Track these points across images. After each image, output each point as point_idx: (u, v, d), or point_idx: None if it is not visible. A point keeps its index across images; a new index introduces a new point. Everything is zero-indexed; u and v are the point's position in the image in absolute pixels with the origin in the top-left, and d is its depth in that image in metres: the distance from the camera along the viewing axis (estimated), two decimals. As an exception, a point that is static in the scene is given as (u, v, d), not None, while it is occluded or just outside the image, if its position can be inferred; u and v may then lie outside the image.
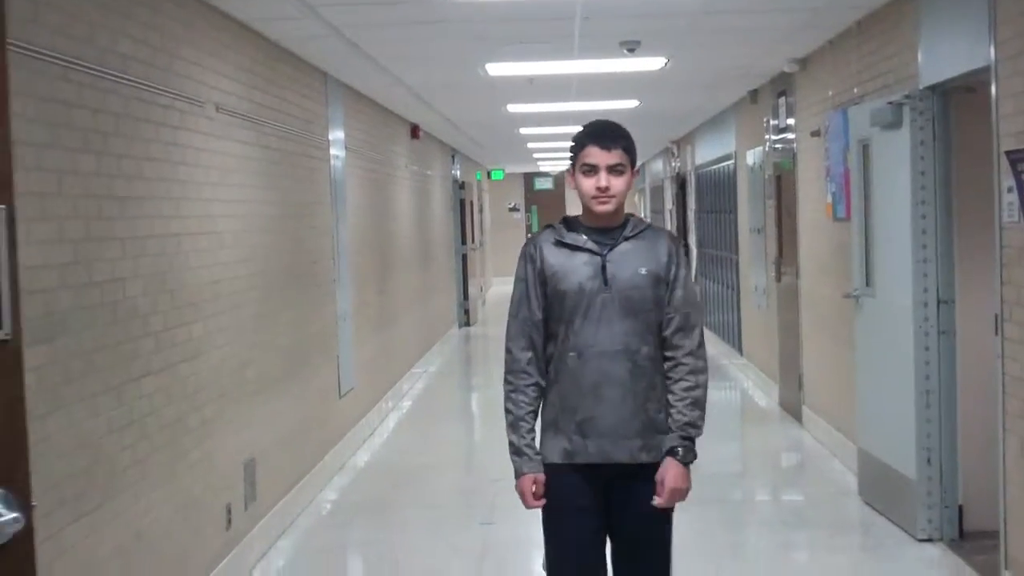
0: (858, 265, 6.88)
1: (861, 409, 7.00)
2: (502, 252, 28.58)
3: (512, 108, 12.27)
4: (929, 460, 6.04)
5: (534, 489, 3.60)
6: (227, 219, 6.02)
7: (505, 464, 3.77)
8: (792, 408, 9.71)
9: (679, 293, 3.60)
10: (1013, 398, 4.95)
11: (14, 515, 2.30)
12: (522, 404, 3.62)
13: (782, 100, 9.89)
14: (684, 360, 3.58)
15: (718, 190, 14.23)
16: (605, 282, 3.56)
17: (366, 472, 8.58)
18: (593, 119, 3.72)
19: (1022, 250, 4.79)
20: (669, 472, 3.55)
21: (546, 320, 3.63)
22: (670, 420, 3.56)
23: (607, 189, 3.59)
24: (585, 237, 3.63)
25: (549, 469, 3.61)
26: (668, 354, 3.60)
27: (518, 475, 3.62)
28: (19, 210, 2.53)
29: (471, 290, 19.16)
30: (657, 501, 3.55)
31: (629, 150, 3.64)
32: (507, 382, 3.66)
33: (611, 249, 3.59)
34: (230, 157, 6.13)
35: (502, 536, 6.67)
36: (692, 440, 3.57)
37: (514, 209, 29.38)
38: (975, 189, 5.68)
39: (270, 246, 6.89)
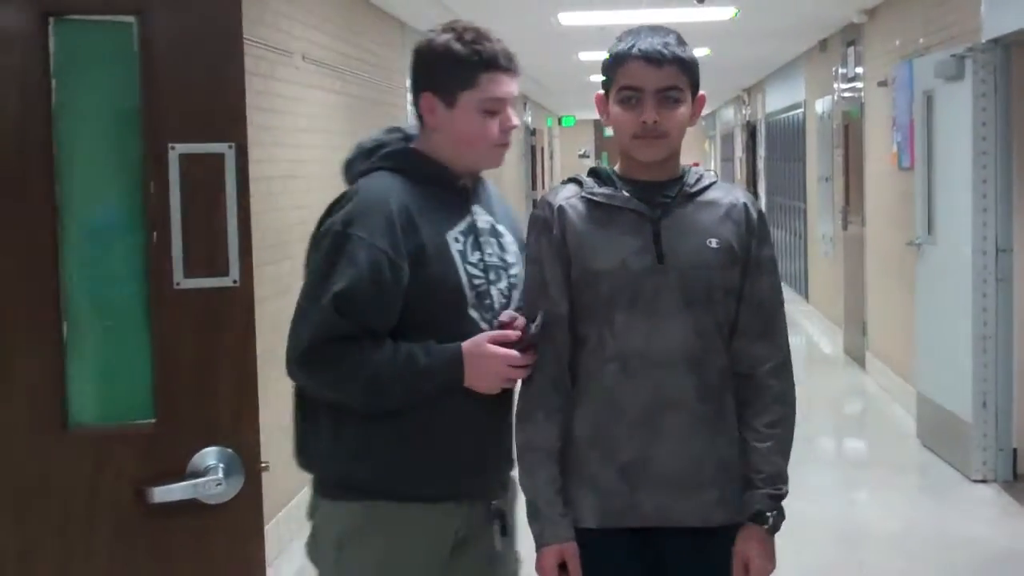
0: (921, 214, 7.04)
1: (921, 355, 7.18)
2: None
3: (583, 56, 12.44)
4: (985, 404, 6.23)
5: (566, 564, 2.41)
6: (312, 164, 6.33)
7: None
8: (856, 354, 9.88)
9: (765, 282, 2.45)
10: (1065, 343, 5.13)
11: (236, 477, 2.08)
12: (541, 438, 2.41)
13: (851, 50, 9.98)
14: (767, 381, 2.43)
15: (787, 139, 14.31)
16: (659, 257, 2.39)
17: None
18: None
19: (1077, 200, 4.95)
20: (754, 546, 2.41)
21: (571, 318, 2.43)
22: (750, 468, 2.41)
23: (656, 124, 2.39)
24: (627, 194, 2.43)
25: (578, 537, 2.42)
26: (742, 369, 2.44)
27: (538, 547, 2.42)
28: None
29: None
30: None
31: (688, 68, 2.43)
32: (519, 409, 2.45)
33: (666, 212, 2.41)
34: (315, 105, 6.43)
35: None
36: (780, 498, 2.43)
37: (584, 155, 29.52)
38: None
39: (350, 190, 7.18)
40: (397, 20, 8.71)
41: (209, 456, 2.10)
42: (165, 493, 2.07)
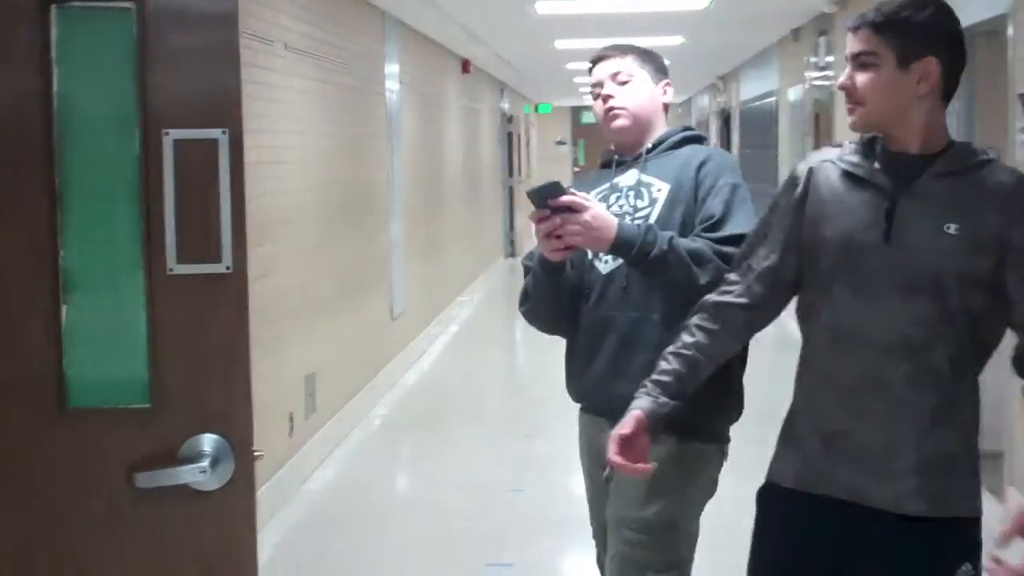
0: (885, 200, 7.22)
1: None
2: (548, 185, 28.89)
3: (560, 44, 12.59)
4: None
5: (622, 432, 2.52)
6: (294, 150, 6.48)
7: (548, 385, 3.45)
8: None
9: None
10: (1018, 324, 5.31)
11: (227, 463, 2.12)
12: (678, 342, 2.57)
13: (822, 39, 10.16)
14: None
15: (761, 126, 14.51)
16: (887, 236, 2.33)
17: (415, 391, 9.09)
18: None
19: (1030, 187, 5.14)
20: None
21: (797, 283, 2.48)
22: None
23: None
24: (877, 165, 2.38)
25: (775, 496, 2.51)
26: None
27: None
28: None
29: (517, 222, 19.58)
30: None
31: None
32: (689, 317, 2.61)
33: (909, 189, 2.34)
34: (297, 92, 6.57)
35: (543, 450, 7.15)
36: None
37: (561, 143, 29.65)
38: (993, 129, 6.00)
39: (331, 176, 7.34)
40: (379, 9, 8.85)
41: (201, 442, 2.12)
42: (156, 478, 2.09)
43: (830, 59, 9.85)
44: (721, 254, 2.76)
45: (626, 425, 2.51)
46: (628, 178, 3.03)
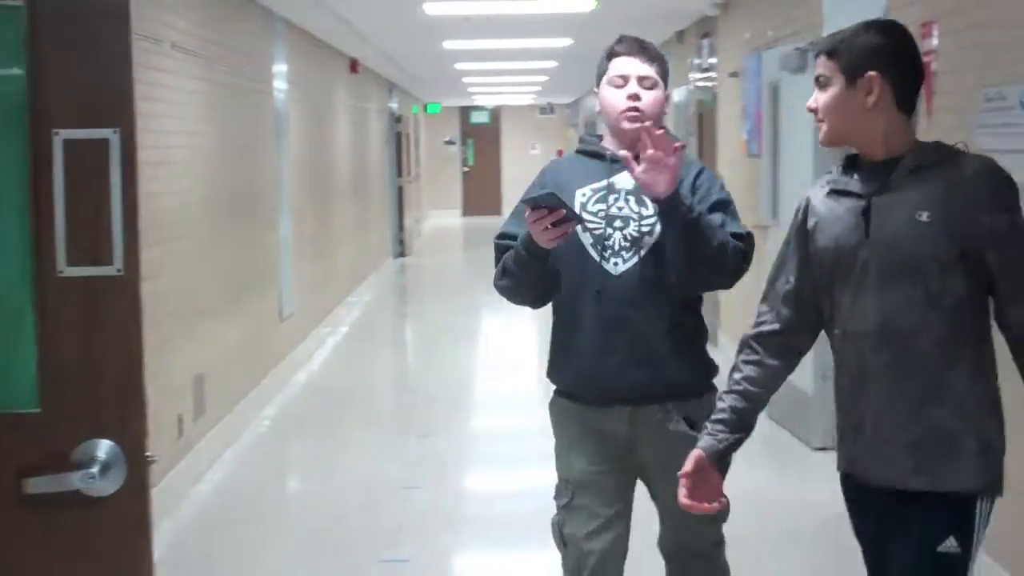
0: (766, 198, 7.43)
1: (768, 332, 7.57)
2: (438, 185, 28.94)
3: (448, 45, 12.64)
4: (824, 376, 6.63)
5: (685, 471, 2.75)
6: (181, 151, 6.42)
7: (440, 384, 3.66)
8: (710, 334, 10.28)
9: (1011, 249, 2.48)
10: (893, 318, 5.53)
11: (119, 469, 2.09)
12: (730, 383, 2.83)
13: (705, 41, 10.38)
14: None
15: (647, 127, 14.72)
16: (867, 232, 2.55)
17: (306, 391, 9.06)
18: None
19: (902, 185, 5.35)
20: None
21: (814, 290, 2.70)
22: None
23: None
24: (856, 177, 2.61)
25: (842, 481, 2.78)
26: (1013, 336, 2.52)
27: None
28: None
29: (407, 222, 19.57)
30: None
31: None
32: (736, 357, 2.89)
33: (881, 189, 2.55)
34: (184, 92, 6.52)
35: (437, 448, 7.20)
36: None
37: (450, 142, 29.70)
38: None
39: (218, 177, 7.28)
40: (267, 9, 8.81)
41: (93, 448, 2.08)
42: (47, 483, 2.06)
43: (713, 60, 10.06)
44: (738, 248, 3.19)
45: (687, 464, 2.75)
46: (625, 180, 3.17)
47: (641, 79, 3.17)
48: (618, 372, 3.20)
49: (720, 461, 2.77)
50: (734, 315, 9.37)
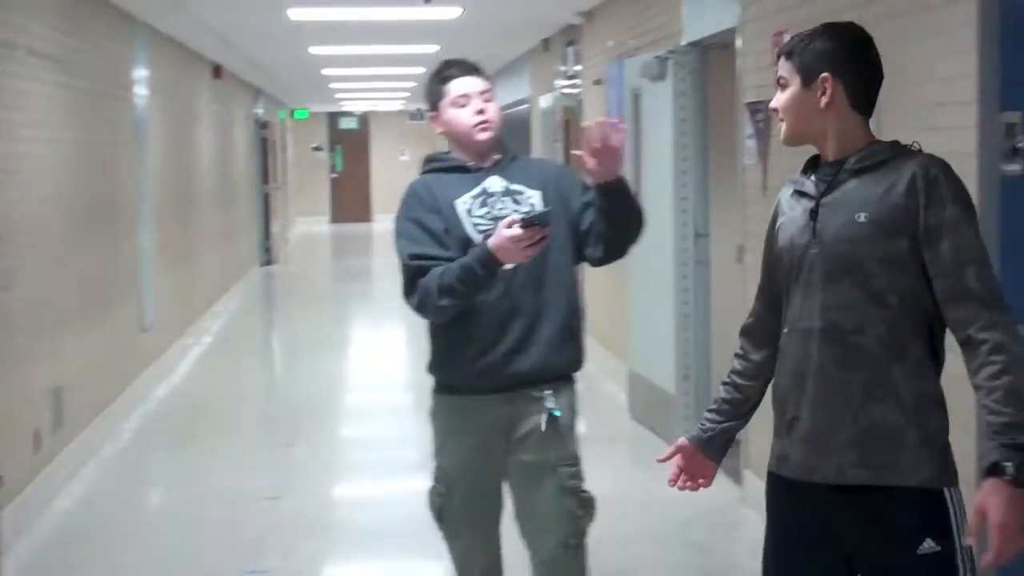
0: (630, 204, 7.54)
1: (631, 334, 7.71)
2: (306, 192, 28.68)
3: (314, 50, 12.55)
4: (686, 377, 6.78)
5: (674, 455, 2.90)
6: (37, 158, 6.27)
7: (306, 393, 3.85)
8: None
9: (948, 244, 2.49)
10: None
11: None
12: (731, 366, 2.90)
13: (571, 49, 10.50)
14: (979, 336, 2.45)
15: (515, 133, 14.82)
16: (813, 233, 2.63)
17: (168, 403, 8.89)
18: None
19: (758, 188, 5.50)
20: (992, 500, 2.37)
21: (779, 289, 2.75)
22: (988, 428, 2.43)
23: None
24: (813, 178, 2.68)
25: (769, 480, 2.78)
26: (957, 336, 2.52)
27: None
28: None
29: (273, 229, 19.35)
30: (968, 541, 2.48)
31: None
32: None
33: (829, 189, 2.63)
34: (40, 99, 6.36)
35: (301, 457, 7.14)
36: (1021, 447, 2.37)
37: (318, 148, 29.46)
38: (727, 136, 6.37)
39: (76, 184, 7.11)
40: (126, 14, 8.63)
41: None
42: None
43: (578, 68, 10.18)
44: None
45: (666, 451, 2.91)
46: (495, 184, 3.51)
47: (481, 93, 3.51)
48: (508, 360, 3.42)
49: (706, 448, 2.86)
50: (599, 317, 9.49)
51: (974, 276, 2.46)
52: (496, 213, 3.45)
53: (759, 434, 5.61)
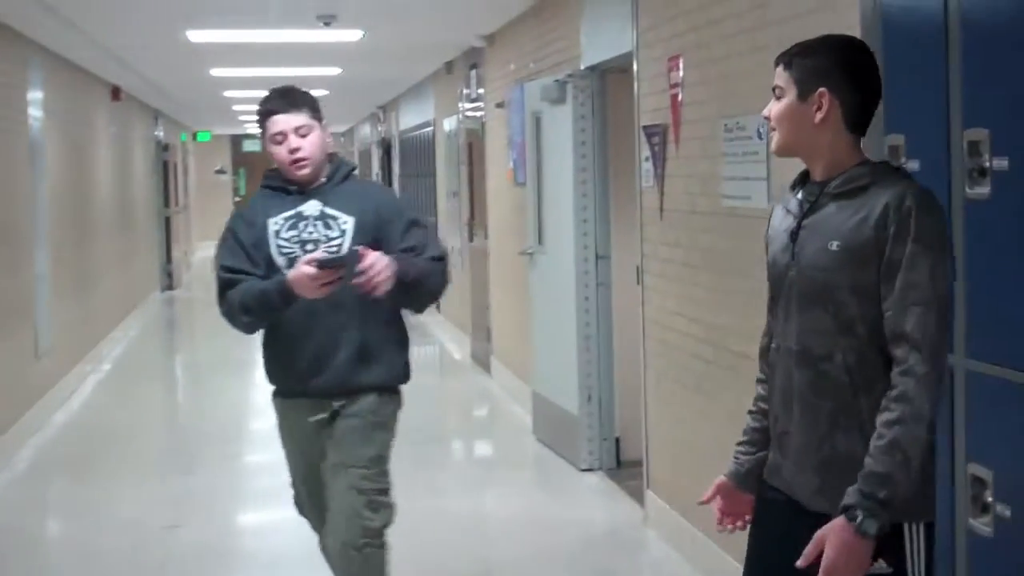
0: (532, 225, 7.60)
1: (535, 356, 7.74)
2: (209, 215, 28.31)
3: (215, 72, 12.43)
4: (590, 398, 6.82)
5: (715, 496, 2.83)
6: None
7: (207, 419, 4.06)
8: (482, 359, 10.43)
9: (901, 279, 2.44)
10: (650, 338, 5.74)
11: None
12: (757, 392, 2.81)
13: (473, 72, 10.54)
14: (896, 380, 2.44)
15: (420, 155, 14.83)
16: (792, 255, 2.61)
17: (65, 431, 8.70)
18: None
19: (655, 211, 5.56)
20: (832, 538, 2.41)
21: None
22: (864, 466, 2.43)
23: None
24: (797, 195, 2.65)
25: (761, 486, 2.75)
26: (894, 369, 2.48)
27: None
28: None
29: (175, 253, 19.08)
30: (799, 562, 2.47)
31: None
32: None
33: (811, 211, 2.60)
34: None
35: (202, 484, 7.03)
36: (881, 502, 2.38)
37: (220, 171, 29.14)
38: (626, 159, 6.44)
39: (-35, 207, 6.95)
40: (19, 35, 8.47)
41: None
42: None
43: (481, 91, 10.22)
44: (443, 271, 3.76)
45: (708, 492, 2.83)
46: (311, 208, 3.73)
47: (297, 129, 3.70)
48: (309, 373, 3.75)
49: (744, 482, 2.78)
50: (505, 340, 9.51)
51: (914, 318, 2.40)
52: (304, 237, 3.70)
53: (660, 455, 5.67)
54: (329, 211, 3.72)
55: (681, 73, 5.14)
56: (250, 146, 29.35)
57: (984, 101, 2.96)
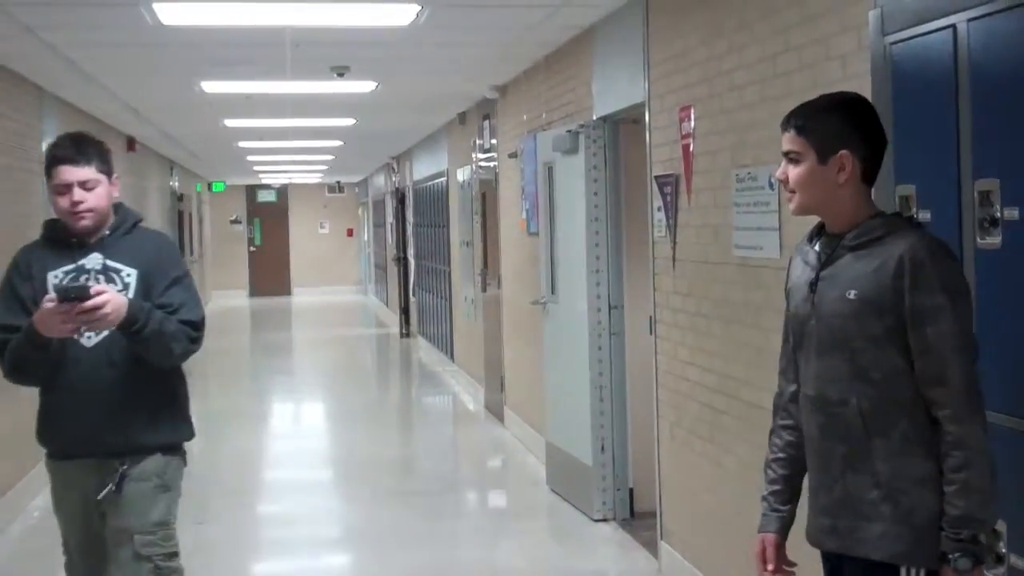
0: (545, 275, 7.60)
1: (549, 406, 7.72)
2: (224, 265, 28.44)
3: (230, 123, 12.52)
4: (603, 448, 6.79)
5: (767, 553, 2.85)
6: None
7: (219, 469, 4.06)
8: (496, 409, 10.41)
9: (931, 330, 2.53)
10: (663, 388, 5.72)
11: None
12: (774, 447, 2.88)
13: (486, 123, 10.60)
14: (947, 427, 2.53)
15: (433, 205, 14.89)
16: (812, 305, 2.70)
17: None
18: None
19: (668, 261, 5.57)
20: None
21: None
22: (944, 512, 2.53)
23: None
24: (815, 247, 2.75)
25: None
26: (931, 412, 2.57)
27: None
28: None
29: (191, 303, 19.11)
30: None
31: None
32: (773, 420, 2.94)
33: (828, 262, 2.68)
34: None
35: (213, 535, 7.00)
36: (972, 541, 2.51)
37: (235, 222, 29.28)
38: (639, 208, 6.45)
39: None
40: (33, 84, 8.55)
41: None
42: None
43: (494, 141, 10.27)
44: (188, 334, 3.67)
45: (770, 558, 2.84)
46: (93, 261, 3.65)
47: (83, 183, 3.60)
48: (85, 432, 3.64)
49: (787, 532, 2.86)
50: (518, 390, 9.49)
51: (952, 363, 2.52)
52: None
53: (674, 506, 5.64)
54: (112, 264, 3.66)
55: (693, 123, 5.16)
56: (265, 196, 29.51)
57: (994, 151, 2.97)
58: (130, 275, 3.65)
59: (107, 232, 3.69)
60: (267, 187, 29.16)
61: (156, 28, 6.56)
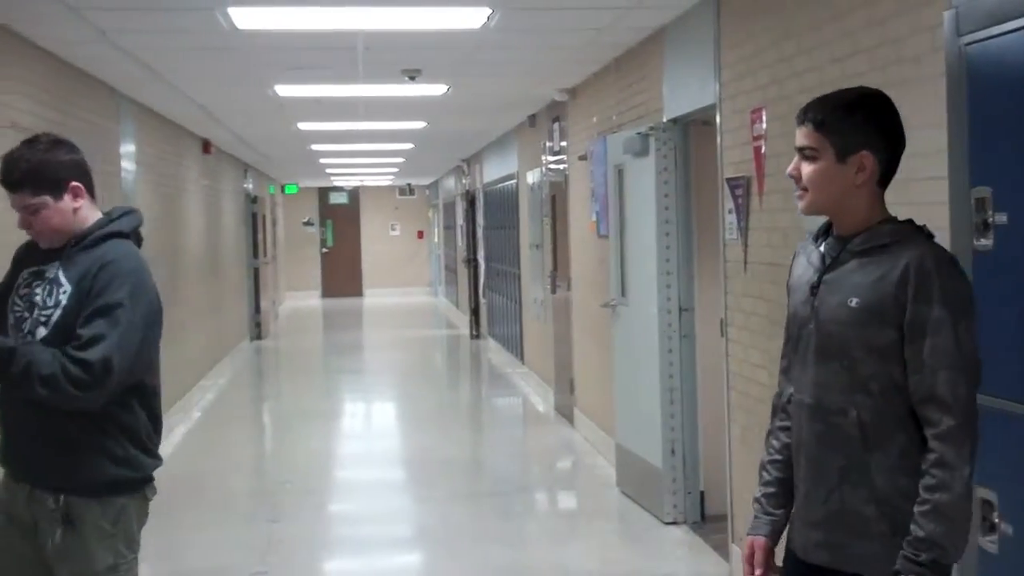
0: (614, 277, 7.60)
1: (618, 408, 7.71)
2: (296, 266, 28.74)
3: (303, 126, 12.66)
4: (673, 451, 6.77)
5: (755, 557, 2.77)
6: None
7: (292, 468, 3.74)
8: (565, 411, 10.41)
9: (926, 343, 2.44)
10: (734, 391, 5.70)
11: None
12: (771, 449, 2.80)
13: (556, 125, 10.61)
14: (932, 444, 2.44)
15: (503, 207, 14.93)
16: (812, 308, 2.61)
17: (157, 477, 8.80)
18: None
19: (739, 263, 5.54)
20: None
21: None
22: (910, 531, 2.44)
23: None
24: (820, 248, 2.66)
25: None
26: (924, 430, 2.48)
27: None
28: None
29: (263, 303, 19.36)
30: None
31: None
32: (771, 421, 2.87)
33: (832, 266, 2.60)
34: (23, 173, 6.39)
35: (287, 532, 7.10)
36: (931, 566, 2.40)
37: (308, 223, 29.56)
38: (709, 210, 6.43)
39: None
40: (111, 88, 8.72)
41: None
42: None
43: (564, 144, 10.29)
44: (72, 378, 3.22)
45: (759, 563, 2.76)
46: (52, 269, 3.42)
47: (24, 208, 3.39)
48: (21, 455, 3.38)
49: (778, 537, 2.78)
50: (588, 392, 9.49)
51: (944, 381, 2.41)
52: (34, 299, 3.39)
53: (745, 509, 5.61)
54: (60, 277, 3.39)
55: (764, 125, 5.14)
56: (337, 198, 29.76)
57: (1073, 153, 2.94)
58: (65, 293, 3.36)
59: (73, 243, 3.43)
60: (339, 189, 29.39)
61: (231, 32, 6.65)
